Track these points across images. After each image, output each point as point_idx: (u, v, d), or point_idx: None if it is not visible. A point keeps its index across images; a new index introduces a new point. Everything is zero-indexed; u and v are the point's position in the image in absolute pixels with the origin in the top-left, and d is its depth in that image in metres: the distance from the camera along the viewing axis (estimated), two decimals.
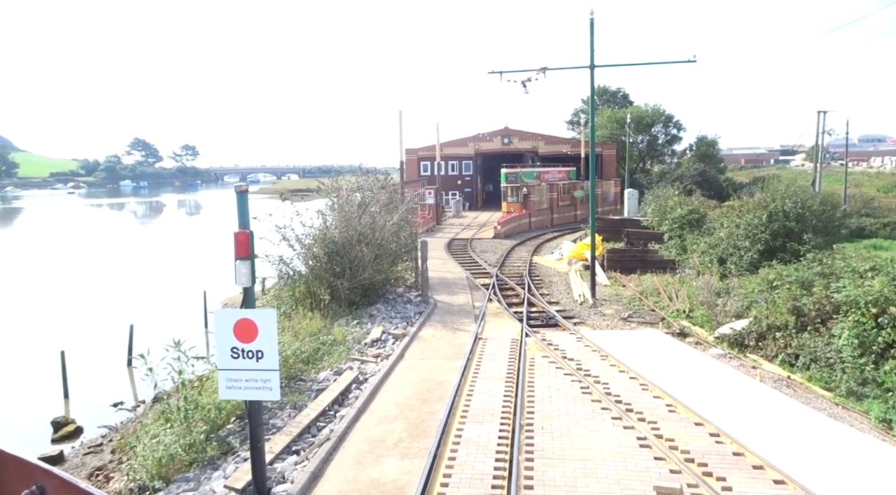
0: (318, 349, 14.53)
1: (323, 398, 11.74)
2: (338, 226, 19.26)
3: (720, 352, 14.93)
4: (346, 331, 16.36)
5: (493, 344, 15.33)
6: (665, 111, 69.98)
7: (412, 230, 23.16)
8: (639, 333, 16.31)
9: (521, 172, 50.73)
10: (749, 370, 13.64)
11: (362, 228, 19.34)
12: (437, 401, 11.64)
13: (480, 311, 18.91)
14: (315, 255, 18.85)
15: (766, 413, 10.81)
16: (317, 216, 19.33)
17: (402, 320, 17.72)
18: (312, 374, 13.27)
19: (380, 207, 20.84)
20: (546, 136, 64.49)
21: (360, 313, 18.28)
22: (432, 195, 46.65)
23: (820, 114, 62.96)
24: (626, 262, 26.05)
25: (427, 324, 17.50)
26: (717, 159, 70.13)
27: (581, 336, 15.80)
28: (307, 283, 18.49)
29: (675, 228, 29.49)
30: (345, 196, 20.67)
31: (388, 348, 15.25)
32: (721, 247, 24.35)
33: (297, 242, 18.73)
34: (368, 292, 19.63)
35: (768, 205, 23.51)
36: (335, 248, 18.73)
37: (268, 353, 8.09)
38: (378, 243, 19.48)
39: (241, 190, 8.14)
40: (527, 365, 13.65)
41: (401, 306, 19.32)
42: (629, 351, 14.53)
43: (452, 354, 14.71)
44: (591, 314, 19.23)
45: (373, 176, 21.57)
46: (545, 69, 20.32)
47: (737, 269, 22.95)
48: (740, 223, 23.98)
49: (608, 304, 20.54)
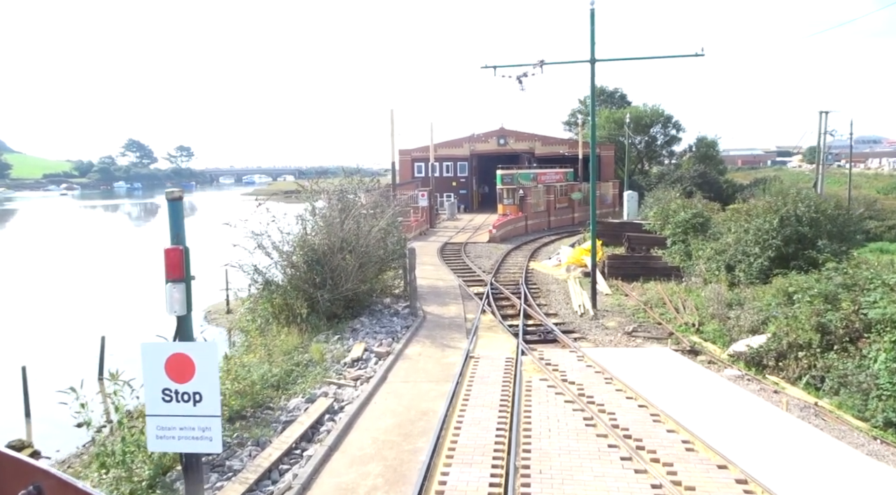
0: (290, 371, 13.08)
1: (290, 432, 10.28)
2: (318, 233, 17.83)
3: (736, 373, 13.52)
4: (325, 349, 14.92)
5: (485, 364, 13.90)
6: (664, 111, 68.72)
7: (401, 236, 21.72)
8: (646, 351, 14.89)
9: (518, 174, 49.35)
10: (771, 395, 12.24)
11: (345, 234, 17.91)
12: (420, 436, 10.21)
13: (473, 325, 17.48)
14: (294, 264, 17.42)
15: (797, 451, 9.40)
16: (296, 221, 17.87)
17: (387, 335, 16.27)
18: (282, 401, 11.81)
19: (366, 211, 19.39)
20: (543, 137, 63.11)
21: (342, 327, 16.83)
22: (425, 197, 45.20)
23: (822, 114, 61.73)
24: (628, 269, 24.66)
25: (414, 340, 16.06)
26: (718, 160, 68.84)
27: (582, 354, 14.37)
28: (285, 295, 17.04)
29: (679, 233, 28.09)
30: (326, 200, 19.24)
31: (370, 369, 13.80)
32: (728, 253, 22.95)
33: (275, 250, 17.28)
34: (352, 304, 18.19)
35: (779, 209, 22.12)
36: (315, 257, 17.29)
37: (207, 396, 6.62)
38: (363, 250, 18.04)
39: (173, 196, 6.65)
40: (523, 389, 12.22)
41: (387, 319, 17.87)
42: (636, 372, 13.11)
43: (440, 376, 13.27)
44: (592, 327, 17.82)
45: (357, 178, 20.15)
46: (542, 63, 18.91)
47: (746, 277, 21.56)
48: (749, 228, 22.59)
49: (610, 316, 19.13)
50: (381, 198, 20.58)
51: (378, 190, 21.83)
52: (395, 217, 21.42)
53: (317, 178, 20.27)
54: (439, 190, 58.85)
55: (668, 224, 29.36)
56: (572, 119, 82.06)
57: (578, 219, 51.77)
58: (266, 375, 12.12)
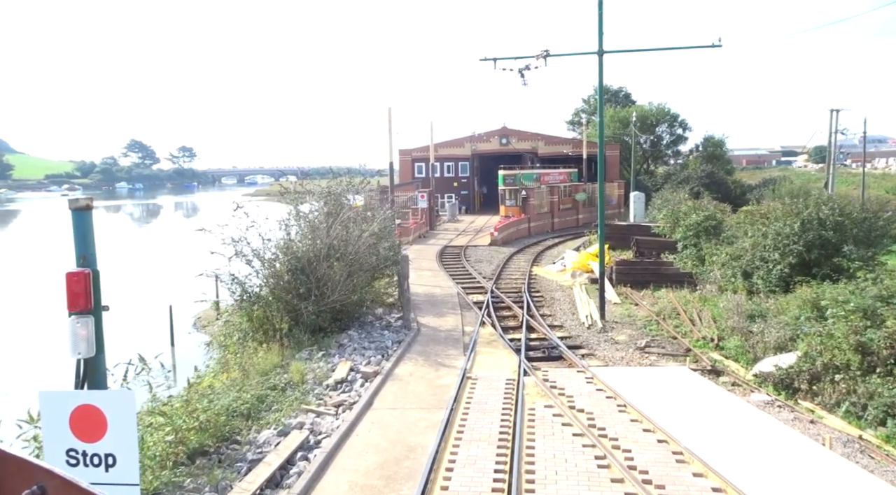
0: (264, 396, 11.65)
1: (255, 475, 8.86)
2: (303, 239, 16.43)
3: (765, 398, 12.06)
4: (307, 368, 13.49)
5: (483, 386, 12.47)
6: (670, 110, 67.17)
7: (394, 241, 20.28)
8: (662, 372, 13.43)
9: (520, 174, 47.91)
10: (807, 426, 10.78)
11: (332, 240, 16.51)
12: (405, 480, 8.78)
13: (471, 339, 16.05)
14: (275, 273, 16.01)
15: None
16: (278, 226, 16.46)
17: (376, 352, 14.85)
18: (252, 434, 10.39)
19: (354, 214, 17.97)
20: (546, 136, 61.66)
21: (328, 342, 15.41)
22: (425, 198, 43.80)
23: (833, 113, 60.13)
24: (638, 276, 23.20)
25: (406, 358, 14.63)
26: (725, 160, 67.26)
27: (591, 375, 12.93)
28: (266, 307, 15.63)
29: (690, 236, 26.59)
30: (316, 201, 17.85)
31: (355, 392, 12.38)
32: (745, 259, 21.46)
33: (256, 258, 15.87)
34: (340, 316, 16.77)
35: (801, 212, 20.64)
36: (299, 265, 15.89)
37: (123, 459, 5.20)
38: (352, 258, 16.63)
39: (78, 206, 5.23)
40: (525, 419, 10.79)
41: (377, 333, 16.45)
42: (653, 397, 11.67)
43: (433, 402, 11.85)
44: (600, 341, 16.37)
45: (346, 178, 18.72)
46: (546, 55, 17.46)
47: (765, 285, 20.09)
48: (768, 232, 21.11)
49: (620, 328, 17.68)
50: (372, 201, 19.13)
51: (372, 191, 20.41)
52: (388, 220, 20.01)
53: (301, 179, 18.86)
54: (440, 191, 57.46)
55: (679, 227, 27.88)
56: (576, 118, 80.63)
57: (583, 220, 50.35)
58: (234, 403, 10.70)
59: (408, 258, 17.75)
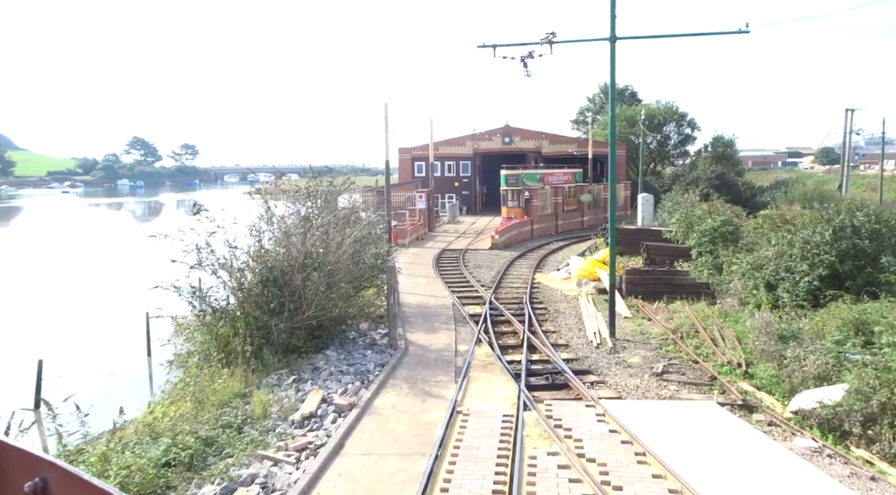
0: (214, 438, 9.78)
1: None
2: (276, 246, 14.59)
3: (811, 443, 10.15)
4: (272, 399, 11.65)
5: (476, 424, 10.58)
6: (678, 109, 65.10)
7: (385, 247, 18.39)
8: (685, 408, 11.52)
9: (523, 174, 45.93)
10: (867, 484, 8.88)
11: (309, 248, 14.67)
12: None
13: (465, 361, 14.16)
14: (244, 285, 14.18)
15: None
16: (248, 232, 14.61)
17: (355, 377, 12.98)
18: (192, 489, 8.53)
19: (337, 218, 16.11)
20: (550, 135, 59.66)
21: (301, 365, 13.57)
22: (424, 199, 41.85)
23: (848, 112, 58.12)
24: (650, 286, 21.27)
25: (389, 384, 12.75)
26: (735, 161, 65.15)
27: (603, 411, 11.03)
28: (233, 323, 13.77)
29: (706, 243, 24.67)
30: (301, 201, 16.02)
31: (324, 431, 10.51)
32: (768, 269, 19.53)
33: (223, 268, 14.02)
34: (318, 333, 14.94)
35: (832, 219, 18.71)
36: (271, 276, 14.05)
37: None
38: (331, 268, 14.77)
39: None
40: (524, 471, 8.91)
41: (359, 353, 14.58)
42: (677, 442, 9.79)
43: (415, 444, 9.98)
44: (611, 365, 14.46)
45: (327, 178, 16.84)
46: (551, 41, 15.55)
47: (791, 298, 18.14)
48: (794, 240, 19.20)
49: (632, 348, 15.78)
50: (358, 202, 17.24)
51: (369, 190, 18.52)
52: (374, 225, 18.15)
53: (277, 178, 17.00)
54: (440, 190, 55.56)
55: (693, 232, 25.95)
56: (581, 117, 78.69)
57: (588, 223, 48.43)
58: (172, 451, 8.83)
59: (395, 268, 15.84)
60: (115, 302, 27.95)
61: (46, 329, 23.46)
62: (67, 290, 31.19)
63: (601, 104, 77.38)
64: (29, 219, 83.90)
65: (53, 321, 24.83)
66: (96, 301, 28.64)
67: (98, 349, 20.45)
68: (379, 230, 18.88)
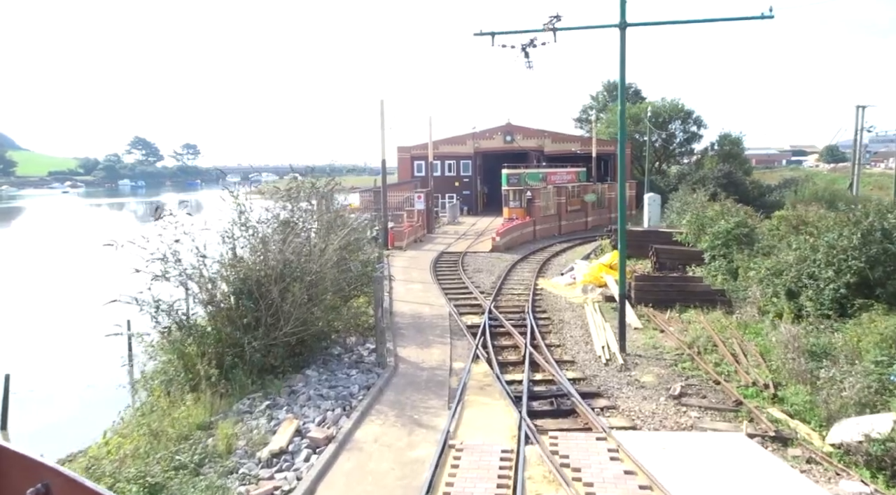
0: (162, 485, 8.37)
1: None
2: (252, 254, 13.21)
3: (860, 489, 8.71)
4: (240, 430, 10.26)
5: (470, 462, 9.17)
6: (684, 106, 63.55)
7: (373, 253, 17.00)
8: (711, 442, 10.08)
9: (525, 174, 44.50)
10: None
11: (288, 256, 13.28)
12: None
13: (460, 382, 12.76)
14: (213, 299, 12.80)
15: None
16: (221, 239, 13.22)
17: (336, 402, 11.58)
18: None
19: (322, 224, 14.72)
20: (553, 133, 58.22)
21: (278, 387, 12.17)
22: (422, 199, 40.43)
23: (859, 109, 56.49)
24: (661, 294, 19.83)
25: (374, 411, 11.35)
26: (742, 159, 63.59)
27: (616, 446, 9.61)
28: (202, 341, 12.38)
29: (719, 246, 23.21)
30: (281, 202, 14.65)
31: (295, 472, 9.11)
32: (789, 275, 18.10)
33: (191, 279, 12.63)
34: (299, 350, 13.55)
35: (860, 221, 17.27)
36: (244, 288, 12.67)
37: None
38: (313, 278, 13.38)
39: None
40: None
41: (343, 373, 13.18)
42: (704, 486, 8.38)
43: (397, 490, 8.59)
44: (622, 385, 13.03)
45: (309, 179, 15.44)
46: (555, 27, 14.13)
47: (815, 307, 16.70)
48: (818, 244, 17.76)
49: (645, 365, 14.36)
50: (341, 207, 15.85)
51: (367, 191, 17.13)
52: (362, 230, 16.75)
53: (250, 180, 15.62)
54: (440, 190, 54.15)
55: (706, 234, 24.50)
56: (584, 115, 77.23)
57: (592, 223, 47.01)
58: None
59: (382, 279, 14.41)
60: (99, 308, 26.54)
61: (25, 336, 22.13)
62: (51, 296, 29.87)
63: (604, 102, 75.93)
64: (25, 221, 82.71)
65: (34, 328, 23.52)
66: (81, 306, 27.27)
67: (77, 359, 19.16)
68: (369, 234, 17.46)
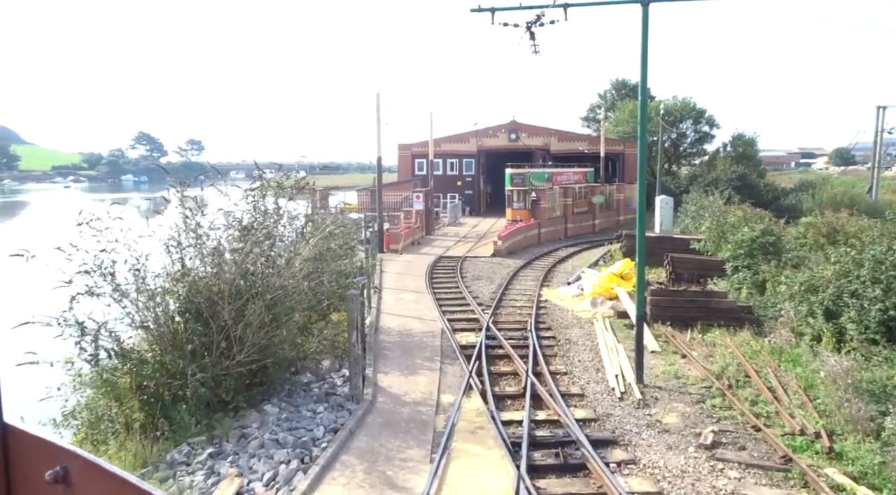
0: None
1: None
2: (202, 266, 11.12)
3: None
4: (167, 492, 8.17)
5: None
6: (696, 105, 61.21)
7: (353, 264, 14.89)
8: None
9: (530, 174, 42.33)
10: None
11: (249, 267, 11.21)
12: None
13: (447, 423, 10.67)
14: (157, 319, 10.72)
15: None
16: (164, 248, 11.12)
17: (293, 452, 9.47)
18: None
19: (293, 231, 12.62)
20: (559, 132, 56.03)
21: (227, 427, 10.10)
22: (421, 199, 38.32)
23: (879, 109, 54.23)
24: (680, 310, 17.67)
25: (338, 465, 9.23)
26: (756, 161, 61.18)
27: None
28: (137, 373, 10.29)
29: (742, 256, 21.03)
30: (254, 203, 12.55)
31: None
32: (828, 292, 15.95)
33: (125, 296, 10.54)
34: (259, 379, 11.47)
35: None
36: (190, 307, 10.60)
37: None
38: (277, 295, 11.28)
39: None
40: None
41: (308, 409, 11.08)
42: None
43: None
44: (641, 428, 10.90)
45: (275, 178, 13.30)
46: (566, 2, 11.97)
47: (858, 330, 14.57)
48: (862, 258, 15.61)
49: (667, 400, 12.23)
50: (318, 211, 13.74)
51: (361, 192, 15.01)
52: (345, 235, 14.65)
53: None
54: (442, 190, 52.06)
55: (727, 243, 22.33)
56: (591, 114, 74.96)
57: (600, 226, 44.86)
58: None
59: (359, 296, 12.26)
60: None
61: None
62: None
63: (613, 101, 73.62)
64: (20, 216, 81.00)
65: None
66: None
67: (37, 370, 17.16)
68: (363, 236, 15.34)
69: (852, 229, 18.94)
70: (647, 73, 12.52)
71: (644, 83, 12.63)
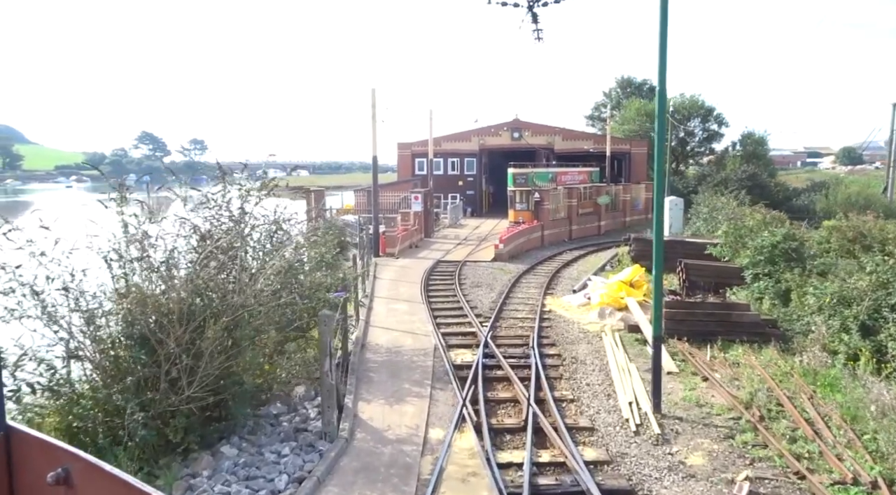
0: None
1: None
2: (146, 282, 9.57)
3: None
4: None
5: None
6: (704, 103, 59.56)
7: (339, 278, 13.31)
8: None
9: (533, 173, 40.75)
10: None
11: (206, 282, 9.66)
12: None
13: (435, 467, 9.10)
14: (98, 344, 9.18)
15: None
16: (105, 262, 9.57)
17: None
18: None
19: (256, 242, 11.06)
20: (563, 130, 54.38)
21: (171, 476, 8.53)
22: (420, 200, 36.72)
23: (895, 107, 52.50)
24: (698, 324, 16.05)
25: None
26: (767, 160, 59.46)
27: None
28: (70, 409, 8.75)
29: (762, 262, 19.40)
30: None
31: None
32: (864, 305, 14.35)
33: (51, 320, 9.00)
34: (217, 413, 9.91)
35: None
36: (131, 332, 9.05)
37: None
38: (239, 316, 9.72)
39: None
40: None
41: (271, 451, 9.49)
42: None
43: None
44: (662, 472, 9.29)
45: (235, 181, 11.76)
46: None
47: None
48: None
49: (690, 434, 10.62)
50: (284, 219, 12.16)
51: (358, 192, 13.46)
52: (326, 244, 13.08)
53: None
54: (442, 190, 50.42)
55: (745, 248, 20.70)
56: (596, 113, 73.35)
57: (605, 228, 43.32)
58: None
59: (333, 317, 10.65)
60: None
61: None
62: None
63: (618, 99, 72.05)
64: None
65: None
66: None
67: None
68: (330, 256, 13.77)
69: (888, 235, 17.29)
70: (665, 60, 10.92)
71: (663, 71, 11.02)
